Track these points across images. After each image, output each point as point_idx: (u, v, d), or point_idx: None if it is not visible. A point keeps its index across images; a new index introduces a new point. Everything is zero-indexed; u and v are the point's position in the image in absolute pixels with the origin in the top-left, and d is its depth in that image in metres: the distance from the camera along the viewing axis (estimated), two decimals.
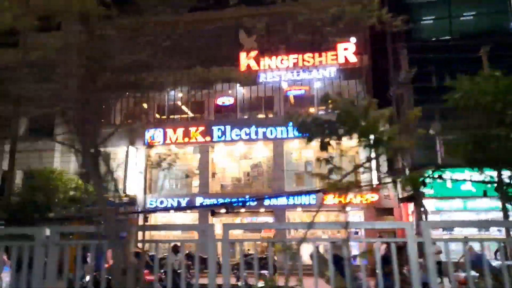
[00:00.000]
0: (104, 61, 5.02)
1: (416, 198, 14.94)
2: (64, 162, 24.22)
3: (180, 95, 25.90)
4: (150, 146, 25.55)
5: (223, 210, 23.25)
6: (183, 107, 27.41)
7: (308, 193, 19.00)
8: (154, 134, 25.34)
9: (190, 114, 27.55)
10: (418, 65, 19.40)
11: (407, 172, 17.47)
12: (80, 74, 4.92)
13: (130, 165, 25.09)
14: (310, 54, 24.12)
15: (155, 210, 24.01)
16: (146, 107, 27.61)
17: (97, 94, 5.29)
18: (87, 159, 4.28)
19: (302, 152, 24.94)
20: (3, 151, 25.92)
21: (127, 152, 25.06)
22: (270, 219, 23.64)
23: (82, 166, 4.58)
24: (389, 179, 21.16)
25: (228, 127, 24.48)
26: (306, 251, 8.15)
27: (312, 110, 25.15)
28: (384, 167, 21.44)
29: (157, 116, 27.67)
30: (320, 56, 24.06)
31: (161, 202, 24.67)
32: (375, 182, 20.88)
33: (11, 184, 25.37)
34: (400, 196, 20.26)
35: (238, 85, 25.51)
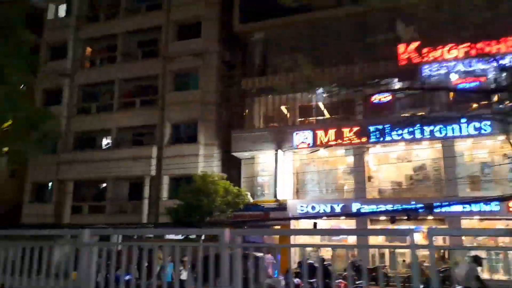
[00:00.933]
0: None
1: None
2: (206, 167, 24.17)
3: (324, 94, 24.52)
4: (300, 149, 24.59)
5: (383, 217, 21.22)
6: (322, 108, 26.03)
7: (494, 200, 16.11)
8: (303, 136, 24.31)
9: (328, 115, 26.06)
10: None
11: None
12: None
13: (279, 169, 24.31)
14: (486, 42, 20.90)
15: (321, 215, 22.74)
16: (287, 110, 26.91)
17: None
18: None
19: (475, 152, 21.79)
20: (150, 156, 26.91)
21: (276, 155, 24.36)
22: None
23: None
24: None
25: (387, 127, 22.29)
26: None
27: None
28: None
29: (300, 118, 26.59)
30: (498, 43, 20.77)
31: (313, 208, 23.38)
32: None
33: (159, 188, 26.31)
34: None
35: (396, 80, 23.24)
